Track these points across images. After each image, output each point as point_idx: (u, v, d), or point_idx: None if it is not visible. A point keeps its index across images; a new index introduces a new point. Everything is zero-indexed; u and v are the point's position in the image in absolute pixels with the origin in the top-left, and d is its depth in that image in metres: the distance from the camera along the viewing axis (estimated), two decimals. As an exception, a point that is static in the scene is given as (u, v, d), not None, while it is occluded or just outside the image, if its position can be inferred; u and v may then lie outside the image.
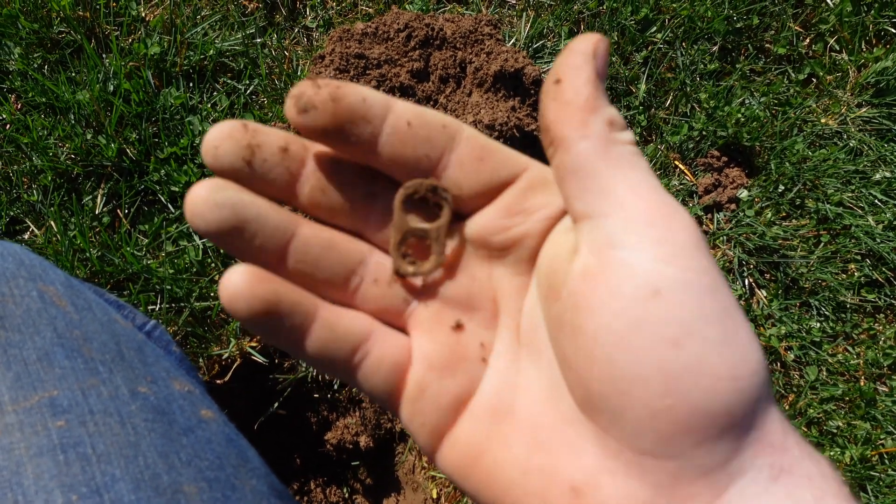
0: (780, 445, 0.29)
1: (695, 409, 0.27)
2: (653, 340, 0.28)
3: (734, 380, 0.27)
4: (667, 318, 0.27)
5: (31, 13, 1.32)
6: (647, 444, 0.28)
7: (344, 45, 1.16)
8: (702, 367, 0.27)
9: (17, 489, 0.46)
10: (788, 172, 1.44)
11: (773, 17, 1.57)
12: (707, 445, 0.28)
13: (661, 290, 0.28)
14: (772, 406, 0.29)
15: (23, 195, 1.23)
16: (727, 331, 0.28)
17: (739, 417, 0.28)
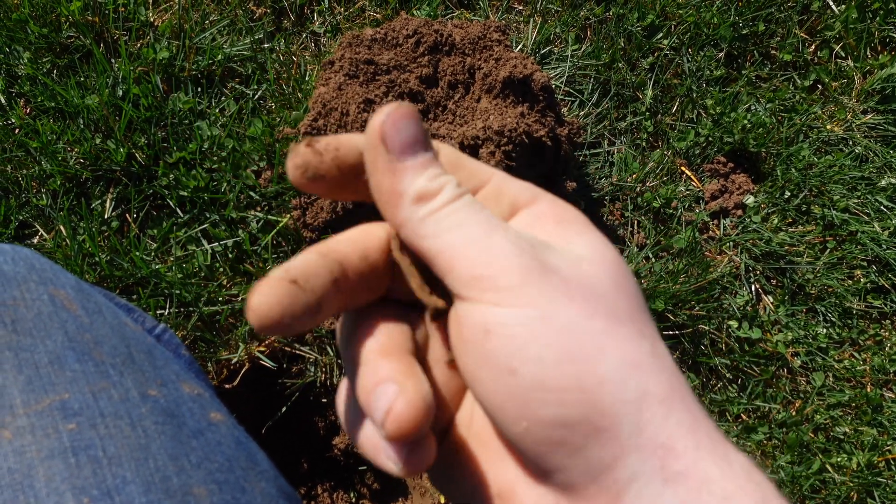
0: (672, 447, 0.29)
1: (549, 423, 0.30)
2: (493, 373, 0.31)
3: (582, 391, 0.29)
4: (499, 351, 0.30)
5: (40, 18, 1.33)
6: (530, 461, 0.32)
7: (353, 51, 1.16)
8: (542, 386, 0.30)
9: (28, 492, 0.46)
10: (794, 178, 1.44)
11: (778, 23, 1.57)
12: (580, 454, 0.30)
13: (490, 329, 0.31)
14: (660, 407, 0.30)
15: (32, 199, 1.23)
16: (564, 350, 0.30)
17: (601, 423, 0.29)
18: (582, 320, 0.30)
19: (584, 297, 0.31)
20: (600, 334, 0.30)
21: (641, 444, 0.29)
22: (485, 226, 0.32)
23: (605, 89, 1.46)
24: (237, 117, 1.32)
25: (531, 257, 0.31)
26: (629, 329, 0.32)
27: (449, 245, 0.32)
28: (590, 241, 0.35)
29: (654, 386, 0.30)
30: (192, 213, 1.25)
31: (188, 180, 1.24)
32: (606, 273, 0.33)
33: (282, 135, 1.26)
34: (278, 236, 1.24)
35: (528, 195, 0.37)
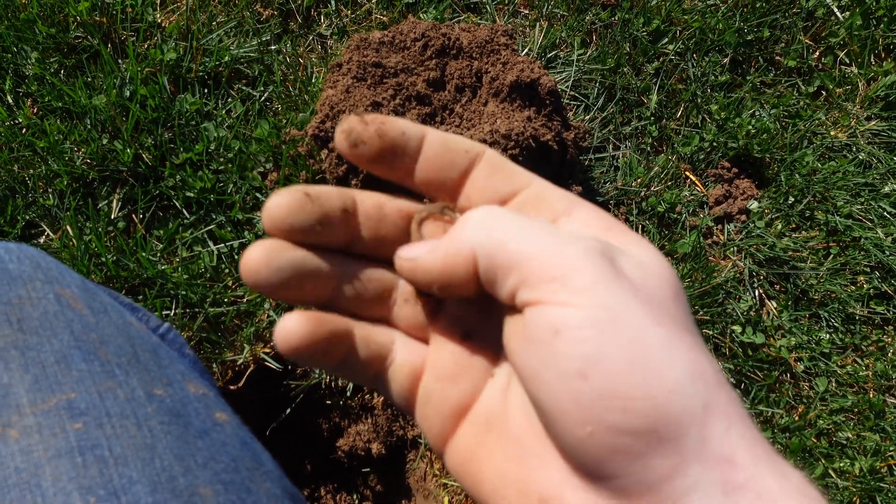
0: (733, 461, 0.29)
1: (615, 430, 0.29)
2: (560, 375, 0.30)
3: (649, 399, 0.29)
4: (569, 353, 0.30)
5: (48, 18, 1.33)
6: (586, 466, 0.31)
7: (361, 54, 1.17)
8: (612, 392, 0.29)
9: (35, 491, 0.46)
10: (798, 184, 1.45)
11: (783, 29, 1.58)
12: (641, 462, 0.29)
13: (561, 330, 0.30)
14: (724, 420, 0.30)
15: (39, 199, 1.23)
16: (635, 356, 0.30)
17: (667, 433, 0.29)
18: (651, 326, 0.30)
19: (650, 301, 0.31)
20: (668, 342, 0.30)
21: (704, 455, 0.29)
22: (547, 228, 0.33)
23: (611, 94, 1.47)
24: (244, 119, 1.32)
25: (602, 258, 0.32)
26: (691, 339, 0.32)
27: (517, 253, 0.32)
28: (647, 250, 0.35)
29: (717, 397, 0.30)
30: (198, 214, 1.25)
31: (195, 181, 1.24)
32: (667, 282, 0.33)
33: (288, 137, 1.27)
34: (284, 238, 1.24)
35: (567, 203, 0.37)
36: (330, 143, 1.14)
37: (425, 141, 0.37)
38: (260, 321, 1.20)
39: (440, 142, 0.38)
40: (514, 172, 0.38)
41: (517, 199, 0.38)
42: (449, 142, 0.38)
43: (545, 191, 0.38)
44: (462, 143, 0.38)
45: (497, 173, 0.38)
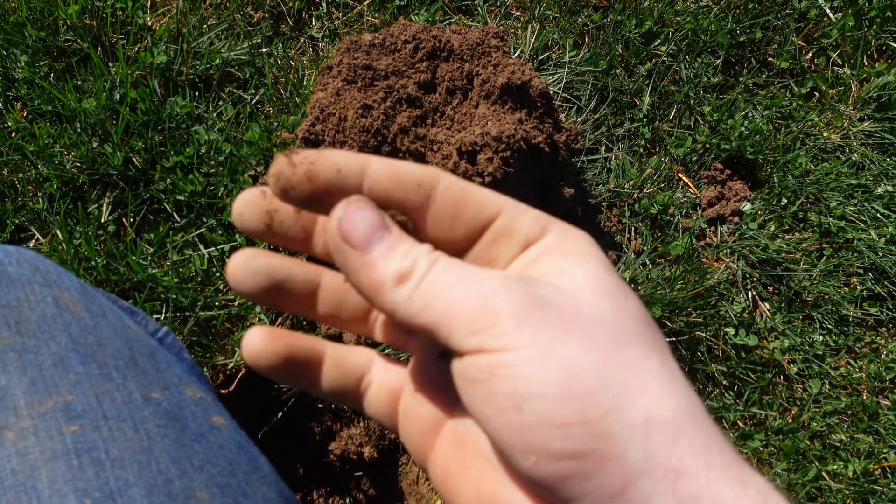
0: (683, 470, 0.30)
1: (557, 456, 0.30)
2: (499, 411, 0.31)
3: (587, 423, 0.30)
4: (503, 391, 0.31)
5: (37, 21, 1.33)
6: (544, 493, 0.32)
7: (352, 56, 1.16)
8: (548, 421, 0.30)
9: (31, 493, 0.46)
10: (791, 186, 1.45)
11: (775, 31, 1.58)
12: (590, 482, 0.30)
13: (494, 372, 0.31)
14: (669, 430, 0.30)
15: (28, 203, 1.23)
16: (567, 385, 0.30)
17: (609, 452, 0.30)
18: (581, 354, 0.31)
19: (582, 327, 0.32)
20: (600, 365, 0.31)
21: (651, 467, 0.30)
22: (470, 280, 0.33)
23: (603, 96, 1.47)
24: (235, 122, 1.32)
25: (523, 297, 0.32)
26: (632, 352, 0.32)
27: (442, 312, 0.32)
28: (588, 269, 0.35)
29: (661, 409, 0.31)
30: (188, 217, 1.25)
31: (185, 185, 1.24)
32: (606, 298, 0.33)
33: (279, 139, 1.26)
34: (275, 241, 1.23)
35: (538, 229, 0.36)
36: (321, 146, 1.14)
37: (367, 176, 0.35)
38: (251, 325, 1.19)
39: (387, 174, 0.35)
40: (479, 201, 0.37)
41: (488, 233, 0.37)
42: (398, 174, 0.35)
43: (514, 220, 0.37)
44: (413, 174, 0.35)
45: (462, 207, 0.36)
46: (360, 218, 0.34)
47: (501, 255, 0.37)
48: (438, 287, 0.33)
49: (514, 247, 0.36)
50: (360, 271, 0.34)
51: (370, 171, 0.35)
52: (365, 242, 0.34)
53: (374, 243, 0.34)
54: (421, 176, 0.36)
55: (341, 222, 0.34)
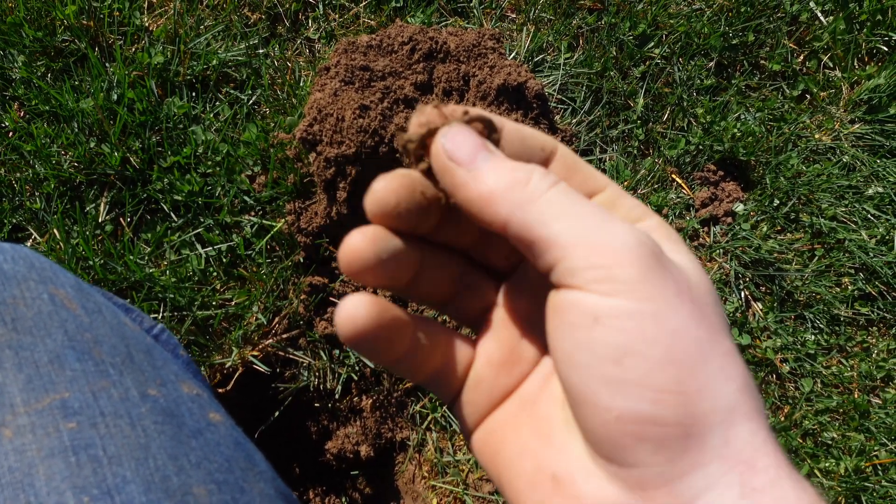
0: (754, 464, 0.30)
1: (642, 419, 0.30)
2: (595, 360, 0.31)
3: (681, 394, 0.30)
4: (606, 340, 0.30)
5: (35, 21, 1.33)
6: (607, 452, 0.31)
7: (349, 57, 1.17)
8: (645, 382, 0.30)
9: (29, 490, 0.46)
10: (783, 187, 1.46)
11: (768, 34, 1.59)
12: (663, 454, 0.30)
13: (600, 318, 0.31)
14: (749, 424, 0.31)
15: (26, 203, 1.23)
16: (672, 352, 0.30)
17: (692, 428, 0.30)
18: (690, 326, 0.31)
19: (694, 301, 0.32)
20: (706, 343, 0.31)
21: (726, 455, 0.30)
22: (600, 215, 0.32)
23: (597, 97, 1.48)
24: (232, 122, 1.32)
25: (651, 252, 0.31)
26: (728, 344, 0.32)
27: (562, 232, 0.31)
28: (690, 256, 0.35)
29: (745, 401, 0.31)
30: (186, 217, 1.25)
31: (182, 185, 1.24)
32: (708, 286, 0.34)
33: (276, 140, 1.27)
34: (272, 241, 1.24)
35: (640, 212, 0.37)
36: (318, 146, 1.15)
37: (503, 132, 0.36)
38: (248, 324, 1.20)
39: (517, 136, 0.37)
40: (588, 175, 0.38)
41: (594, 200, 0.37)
42: (526, 136, 0.37)
43: (619, 197, 0.37)
44: (537, 138, 0.37)
45: (572, 175, 0.37)
46: (463, 138, 0.34)
47: None
48: (562, 206, 0.32)
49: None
50: (468, 184, 0.33)
51: (505, 131, 0.36)
52: (470, 159, 0.33)
53: (480, 160, 0.33)
54: (543, 141, 0.37)
55: (446, 142, 0.34)
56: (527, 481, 0.35)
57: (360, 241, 0.34)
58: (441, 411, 1.25)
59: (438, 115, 0.35)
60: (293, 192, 1.25)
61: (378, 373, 1.25)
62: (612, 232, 0.31)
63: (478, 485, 1.22)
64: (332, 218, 1.19)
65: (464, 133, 0.34)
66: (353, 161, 1.12)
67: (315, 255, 1.25)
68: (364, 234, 0.35)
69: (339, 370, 1.23)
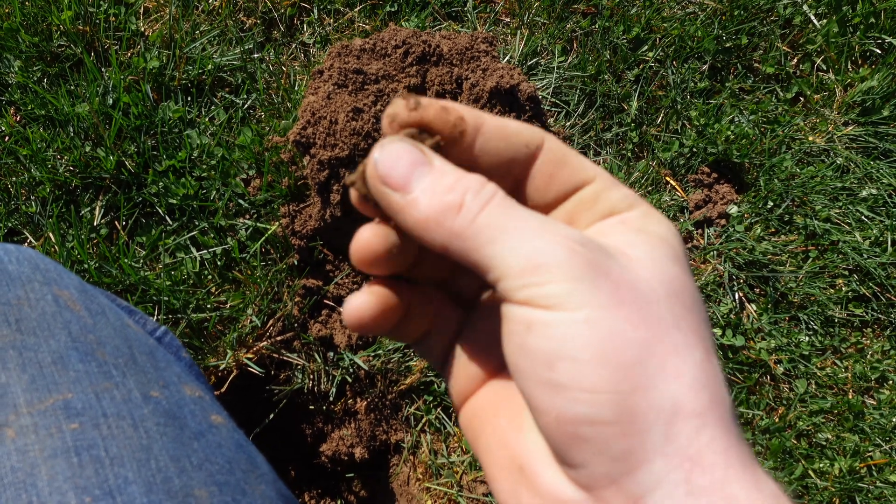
0: (699, 461, 0.30)
1: (578, 420, 0.30)
2: (532, 364, 0.31)
3: (615, 393, 0.30)
4: (538, 346, 0.31)
5: (31, 27, 1.34)
6: (558, 453, 0.32)
7: (342, 61, 1.18)
8: (577, 384, 0.30)
9: (31, 490, 0.46)
10: (777, 189, 1.47)
11: (761, 37, 1.60)
12: (605, 454, 0.30)
13: (532, 326, 0.31)
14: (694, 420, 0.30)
15: (21, 206, 1.24)
16: (604, 352, 0.30)
17: (630, 427, 0.30)
18: (626, 328, 0.31)
19: (634, 302, 0.31)
20: (642, 342, 0.31)
21: (668, 453, 0.30)
22: (532, 230, 0.32)
23: (591, 100, 1.48)
24: (227, 126, 1.33)
25: (580, 260, 0.31)
26: (677, 339, 0.32)
27: (495, 255, 0.32)
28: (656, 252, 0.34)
29: (691, 399, 0.30)
30: (181, 220, 1.26)
31: (177, 188, 1.25)
32: (662, 281, 0.33)
33: (271, 143, 1.27)
34: (267, 244, 1.25)
35: (625, 204, 0.37)
36: (312, 149, 1.15)
37: (480, 133, 0.36)
38: (243, 326, 1.20)
39: (499, 133, 0.36)
40: (577, 166, 0.37)
41: (575, 196, 0.37)
42: (509, 134, 0.36)
43: (605, 190, 0.37)
44: (522, 134, 0.36)
45: (559, 168, 0.37)
46: (397, 156, 0.33)
47: (583, 219, 0.37)
48: (495, 228, 0.32)
49: (596, 214, 0.36)
50: (404, 212, 0.33)
51: (483, 129, 0.36)
52: (405, 182, 0.33)
53: (415, 181, 0.33)
54: (529, 136, 0.37)
55: (378, 164, 0.33)
56: (500, 468, 0.36)
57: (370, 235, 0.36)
58: (435, 413, 1.25)
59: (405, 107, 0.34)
60: (287, 195, 1.26)
61: (372, 375, 1.25)
62: (542, 248, 0.31)
63: (472, 486, 1.22)
64: (327, 221, 1.19)
65: (398, 150, 0.33)
66: (346, 164, 1.13)
67: (309, 258, 1.25)
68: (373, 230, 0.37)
69: (333, 372, 1.23)
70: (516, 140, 0.36)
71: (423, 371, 1.25)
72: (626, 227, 0.35)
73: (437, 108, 0.34)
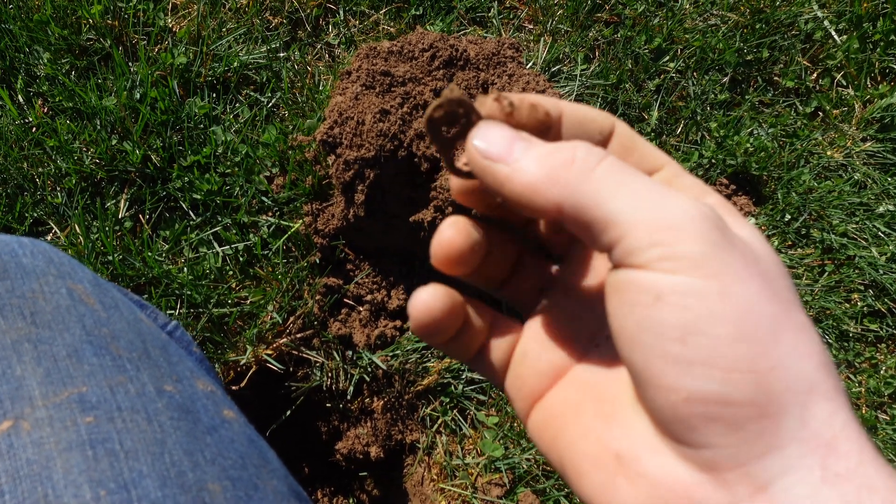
0: (835, 447, 0.28)
1: (711, 399, 0.29)
2: (659, 339, 0.30)
3: (753, 373, 0.28)
4: (669, 319, 0.29)
5: (61, 20, 1.35)
6: (676, 433, 0.30)
7: (370, 62, 1.19)
8: (713, 361, 0.29)
9: (46, 483, 0.46)
10: (795, 202, 1.47)
11: (782, 51, 1.61)
12: (736, 436, 0.29)
13: (663, 296, 0.30)
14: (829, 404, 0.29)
15: (47, 197, 1.25)
16: (742, 329, 0.29)
17: (766, 409, 0.28)
18: (760, 301, 0.30)
19: (762, 276, 0.30)
20: (776, 318, 0.30)
21: (803, 437, 0.28)
22: (657, 189, 0.31)
23: (612, 109, 1.49)
24: (251, 124, 1.34)
25: (715, 226, 0.30)
26: (802, 318, 0.31)
27: (620, 210, 0.30)
28: (756, 231, 0.34)
29: (824, 380, 0.29)
30: (204, 216, 1.27)
31: (202, 184, 1.26)
32: (776, 262, 0.32)
33: (295, 142, 1.28)
34: (289, 242, 1.25)
35: (699, 190, 0.36)
36: (338, 149, 1.16)
37: (563, 117, 0.36)
38: (263, 323, 1.21)
39: (576, 119, 0.36)
40: (646, 153, 0.37)
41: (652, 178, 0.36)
42: (584, 119, 0.36)
43: (678, 176, 0.36)
44: (595, 119, 0.37)
45: (629, 154, 0.37)
46: (493, 133, 0.34)
47: None
48: (615, 182, 0.31)
49: None
50: (510, 178, 0.32)
51: (564, 118, 0.36)
52: (506, 152, 0.33)
53: (517, 150, 0.33)
54: (602, 123, 0.37)
55: (477, 143, 0.34)
56: (590, 462, 0.34)
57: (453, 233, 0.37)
58: (452, 415, 1.26)
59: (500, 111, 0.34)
60: (311, 193, 1.26)
61: (390, 375, 1.26)
62: (672, 206, 0.30)
63: (487, 488, 1.22)
64: (349, 220, 1.20)
65: (493, 127, 0.34)
66: (371, 164, 1.14)
67: (331, 257, 1.26)
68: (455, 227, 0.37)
69: (351, 371, 1.24)
70: (591, 127, 0.36)
71: (441, 372, 1.26)
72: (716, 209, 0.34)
73: (527, 107, 0.35)
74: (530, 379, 0.39)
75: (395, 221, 1.20)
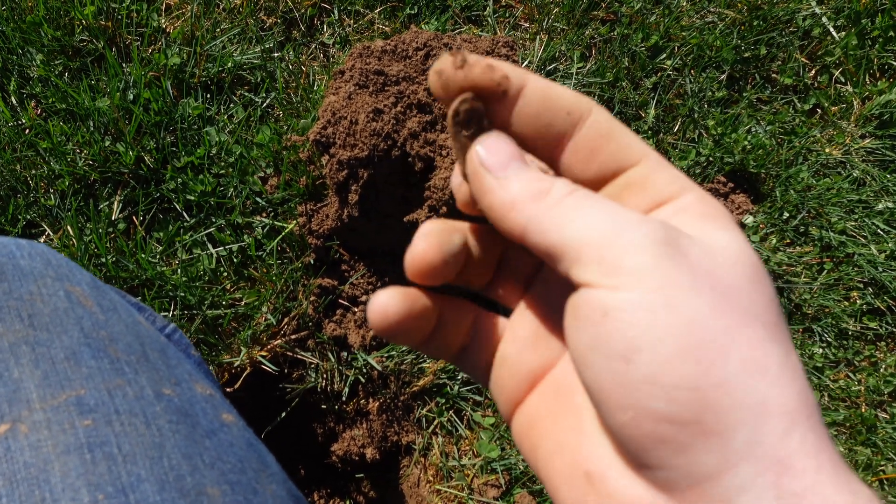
0: (790, 465, 0.27)
1: (657, 418, 0.28)
2: (606, 358, 0.29)
3: (697, 390, 0.28)
4: (615, 336, 0.29)
5: (54, 21, 1.35)
6: (632, 453, 0.30)
7: (364, 62, 1.18)
8: (656, 379, 0.28)
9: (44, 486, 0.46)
10: (793, 200, 1.46)
11: (780, 48, 1.60)
12: (686, 455, 0.28)
13: (609, 312, 0.29)
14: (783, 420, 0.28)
15: (40, 199, 1.24)
16: (685, 344, 0.28)
17: (714, 427, 0.28)
18: (708, 315, 0.29)
19: (714, 289, 0.30)
20: (725, 332, 0.29)
21: (756, 455, 0.27)
22: (610, 210, 0.31)
23: (609, 107, 1.48)
24: (245, 124, 1.33)
25: (662, 240, 0.30)
26: (759, 331, 0.29)
27: (574, 235, 0.31)
28: (730, 237, 0.33)
29: (779, 396, 0.28)
30: (198, 217, 1.26)
31: (195, 185, 1.25)
32: (743, 269, 0.31)
33: (289, 142, 1.28)
34: (283, 242, 1.25)
35: (676, 187, 0.35)
36: (331, 149, 1.15)
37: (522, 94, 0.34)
38: (257, 324, 1.20)
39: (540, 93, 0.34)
40: (623, 143, 0.35)
41: (621, 178, 0.35)
42: (551, 97, 0.34)
43: (653, 172, 0.35)
44: (564, 99, 0.34)
45: (605, 142, 0.35)
46: (499, 147, 0.34)
47: (632, 204, 0.35)
48: (576, 211, 0.31)
49: (646, 199, 0.35)
50: (493, 190, 0.33)
51: (526, 90, 0.34)
52: (502, 167, 0.33)
53: (511, 170, 0.33)
54: (573, 103, 0.34)
55: (481, 149, 0.34)
56: (563, 479, 0.34)
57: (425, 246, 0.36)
58: (447, 415, 1.25)
59: (452, 65, 0.33)
60: (305, 194, 1.26)
61: (385, 376, 1.25)
62: (621, 226, 0.30)
63: (483, 490, 1.22)
64: (344, 220, 1.19)
65: (500, 139, 0.34)
66: (365, 164, 1.13)
67: (325, 258, 1.25)
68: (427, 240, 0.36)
69: (346, 372, 1.23)
70: (556, 104, 0.34)
71: (436, 373, 1.25)
72: (689, 214, 0.34)
73: (482, 66, 0.33)
74: (510, 382, 0.38)
75: (389, 221, 1.19)
